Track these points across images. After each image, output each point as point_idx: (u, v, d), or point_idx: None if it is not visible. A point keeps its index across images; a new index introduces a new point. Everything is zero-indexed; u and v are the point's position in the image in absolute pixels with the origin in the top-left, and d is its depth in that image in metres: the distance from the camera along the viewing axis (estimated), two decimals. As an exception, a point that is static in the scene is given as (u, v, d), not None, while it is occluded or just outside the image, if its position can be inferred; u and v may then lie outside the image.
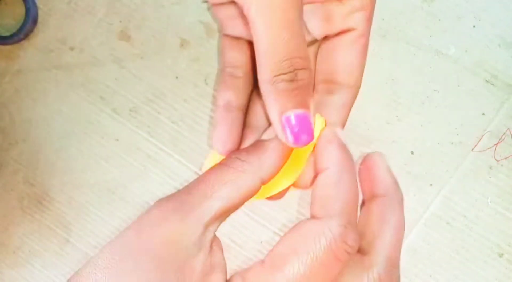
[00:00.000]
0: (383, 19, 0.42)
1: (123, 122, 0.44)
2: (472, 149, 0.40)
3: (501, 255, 0.40)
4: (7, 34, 0.45)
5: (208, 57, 0.43)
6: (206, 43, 0.43)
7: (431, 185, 0.40)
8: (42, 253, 0.45)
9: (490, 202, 0.40)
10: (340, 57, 0.30)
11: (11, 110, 0.46)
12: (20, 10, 0.46)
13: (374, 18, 0.33)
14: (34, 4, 0.45)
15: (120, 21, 0.45)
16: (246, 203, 0.26)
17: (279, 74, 0.25)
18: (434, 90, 0.41)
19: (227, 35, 0.34)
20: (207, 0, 0.43)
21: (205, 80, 0.43)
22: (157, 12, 0.44)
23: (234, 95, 0.32)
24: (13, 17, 0.46)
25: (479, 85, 0.40)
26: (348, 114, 0.31)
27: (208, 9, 0.44)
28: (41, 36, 0.46)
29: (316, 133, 0.27)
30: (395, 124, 0.41)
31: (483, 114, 0.40)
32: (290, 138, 0.26)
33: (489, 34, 0.40)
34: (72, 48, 0.45)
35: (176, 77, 0.44)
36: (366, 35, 0.31)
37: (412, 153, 0.41)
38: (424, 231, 0.40)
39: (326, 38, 0.31)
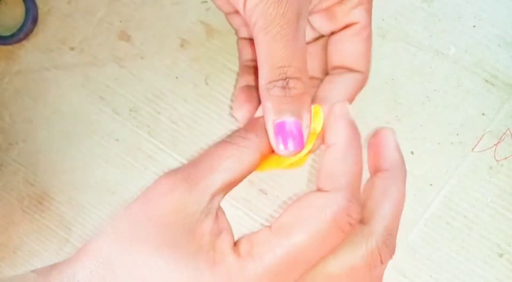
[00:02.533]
0: (383, 19, 0.42)
1: (123, 123, 0.44)
2: (472, 149, 0.40)
3: (501, 255, 0.40)
4: (7, 34, 0.45)
5: (208, 57, 0.43)
6: (206, 43, 0.43)
7: (431, 185, 0.40)
8: (42, 253, 0.45)
9: (490, 202, 0.40)
10: (347, 47, 0.33)
11: (11, 110, 0.46)
12: (20, 10, 0.46)
13: (374, 18, 0.33)
14: (34, 4, 0.45)
15: (120, 21, 0.45)
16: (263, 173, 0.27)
17: (272, 81, 0.28)
18: (434, 90, 0.41)
19: (242, 38, 0.37)
20: (207, 0, 0.43)
21: (205, 80, 0.43)
22: (157, 12, 0.44)
23: (252, 79, 0.35)
24: (13, 17, 0.46)
25: (479, 85, 0.40)
26: (354, 94, 0.33)
27: (208, 9, 0.44)
28: (41, 36, 0.46)
29: (318, 125, 0.29)
30: (395, 124, 0.41)
31: (483, 114, 0.40)
32: (280, 145, 0.28)
33: (489, 34, 0.40)
34: (72, 48, 0.45)
35: (176, 77, 0.44)
36: (368, 27, 0.33)
37: (412, 153, 0.41)
38: (424, 231, 0.40)
39: (332, 33, 0.34)
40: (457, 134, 0.40)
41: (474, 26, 0.41)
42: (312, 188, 0.41)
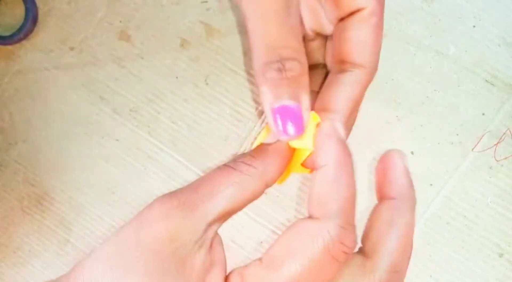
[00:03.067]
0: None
1: (123, 123, 0.44)
2: (472, 149, 0.40)
3: (501, 255, 0.40)
4: (7, 34, 0.45)
5: (208, 57, 0.43)
6: (206, 43, 0.43)
7: (431, 185, 0.40)
8: (42, 253, 0.45)
9: (490, 202, 0.40)
10: (352, 35, 0.30)
11: (11, 110, 0.46)
12: (20, 10, 0.46)
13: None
14: (34, 4, 0.45)
15: (120, 21, 0.45)
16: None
17: (268, 63, 0.26)
18: (434, 90, 0.41)
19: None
20: (207, 0, 0.43)
21: (205, 80, 0.43)
22: (157, 12, 0.44)
23: None
24: (13, 17, 0.46)
25: (479, 85, 0.40)
26: (360, 95, 0.30)
27: (208, 9, 0.44)
28: (41, 36, 0.46)
29: (311, 132, 0.27)
30: (395, 124, 0.41)
31: (483, 114, 0.40)
32: (278, 130, 0.26)
33: (489, 34, 0.40)
34: (72, 48, 0.45)
35: (176, 77, 0.44)
36: (377, 14, 0.30)
37: (412, 153, 0.41)
38: (424, 231, 0.40)
39: (340, 20, 0.31)
40: (457, 134, 0.40)
41: (474, 26, 0.41)
42: (302, 198, 0.41)
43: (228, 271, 0.26)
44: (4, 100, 0.46)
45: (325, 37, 0.33)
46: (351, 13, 0.30)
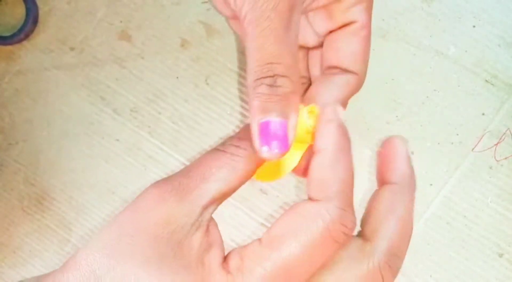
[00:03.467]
0: (383, 19, 0.42)
1: (124, 123, 0.44)
2: (472, 149, 0.40)
3: (501, 255, 0.40)
4: (8, 34, 0.45)
5: (208, 57, 0.43)
6: (207, 43, 0.43)
7: (431, 185, 0.40)
8: (42, 253, 0.45)
9: (490, 202, 0.40)
10: (343, 47, 0.31)
11: (11, 110, 0.46)
12: (20, 10, 0.46)
13: (374, 18, 0.33)
14: (35, 4, 0.45)
15: (121, 21, 0.45)
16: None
17: (260, 78, 0.26)
18: (434, 90, 0.41)
19: None
20: (207, 0, 0.43)
21: (205, 80, 0.43)
22: (158, 12, 0.44)
23: None
24: (14, 17, 0.46)
25: (479, 85, 0.40)
26: (348, 97, 0.31)
27: (208, 9, 0.44)
28: (42, 36, 0.46)
29: (304, 123, 0.27)
30: (395, 124, 0.41)
31: (483, 114, 0.40)
32: (261, 146, 0.26)
33: (489, 34, 0.40)
34: (72, 48, 0.45)
35: (177, 78, 0.44)
36: (367, 27, 0.31)
37: (412, 153, 0.41)
38: (424, 231, 0.40)
39: (329, 32, 0.32)
40: (457, 134, 0.40)
41: (474, 26, 0.41)
42: (301, 197, 0.41)
43: (226, 252, 0.26)
44: (4, 100, 0.46)
45: (307, 49, 0.34)
46: (342, 26, 0.31)
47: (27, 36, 0.45)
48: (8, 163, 0.46)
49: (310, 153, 0.28)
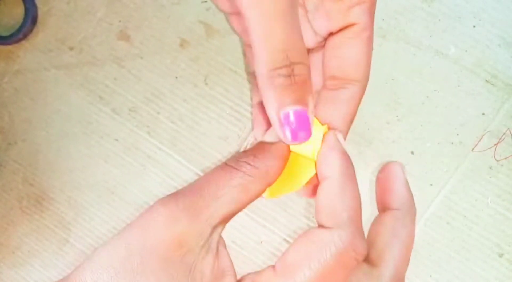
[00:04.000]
0: (383, 19, 0.42)
1: (123, 122, 0.44)
2: (472, 149, 0.40)
3: (501, 255, 0.40)
4: (7, 34, 0.45)
5: (207, 57, 0.43)
6: (206, 43, 0.43)
7: (431, 185, 0.40)
8: (41, 253, 0.45)
9: (490, 202, 0.40)
10: (345, 52, 0.30)
11: (11, 110, 0.46)
12: (19, 10, 0.46)
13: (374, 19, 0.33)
14: (34, 4, 0.45)
15: (120, 21, 0.44)
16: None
17: (275, 69, 0.25)
18: (434, 90, 0.41)
19: (248, 45, 0.35)
20: (207, 0, 0.43)
21: (204, 80, 0.43)
22: (157, 12, 0.44)
23: None
24: (13, 17, 0.46)
25: (479, 85, 0.40)
26: (356, 109, 0.31)
27: (208, 9, 0.44)
28: (41, 36, 0.46)
29: (316, 138, 0.27)
30: (395, 124, 0.41)
31: (483, 114, 0.40)
32: (288, 136, 0.26)
33: (489, 34, 0.40)
34: (71, 48, 0.45)
35: (176, 77, 0.44)
36: (368, 29, 0.30)
37: (412, 153, 0.41)
38: (424, 231, 0.40)
39: (330, 35, 0.31)
40: (457, 134, 0.40)
41: (474, 26, 0.41)
42: (301, 197, 0.41)
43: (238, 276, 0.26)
44: (3, 100, 0.46)
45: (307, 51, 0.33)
46: (341, 29, 0.30)
47: (26, 36, 0.45)
48: (7, 163, 0.46)
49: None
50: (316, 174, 0.28)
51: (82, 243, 0.45)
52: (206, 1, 0.43)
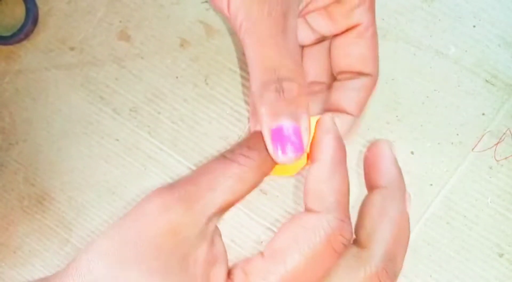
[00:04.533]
0: (383, 19, 0.42)
1: (123, 122, 0.44)
2: (472, 149, 0.40)
3: (501, 255, 0.40)
4: (8, 34, 0.45)
5: (208, 57, 0.43)
6: (206, 43, 0.43)
7: (431, 185, 0.40)
8: (42, 253, 0.45)
9: (490, 202, 0.40)
10: (352, 51, 0.31)
11: (12, 110, 0.46)
12: (20, 10, 0.46)
13: (374, 18, 0.33)
14: (34, 4, 0.45)
15: (120, 21, 0.45)
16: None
17: (265, 85, 0.26)
18: (434, 90, 0.41)
19: None
20: (207, 0, 0.43)
21: (205, 80, 0.43)
22: (157, 12, 0.44)
23: None
24: (13, 17, 0.46)
25: (479, 85, 0.40)
26: (368, 97, 0.32)
27: (208, 9, 0.44)
28: (41, 36, 0.46)
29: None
30: (395, 124, 0.41)
31: (483, 114, 0.40)
32: (278, 152, 0.26)
33: (489, 34, 0.40)
34: (72, 48, 0.45)
35: (176, 77, 0.44)
36: (371, 26, 0.31)
37: (412, 153, 0.41)
38: (424, 231, 0.40)
39: (335, 35, 0.32)
40: (457, 134, 0.40)
41: (474, 26, 0.41)
42: (301, 197, 0.41)
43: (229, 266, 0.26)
44: (4, 100, 0.46)
45: (302, 48, 0.35)
46: (347, 30, 0.31)
47: (27, 36, 0.45)
48: (8, 163, 0.46)
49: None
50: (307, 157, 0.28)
51: (83, 243, 0.45)
52: (206, 1, 0.44)
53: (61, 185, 0.45)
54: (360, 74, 0.32)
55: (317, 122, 0.27)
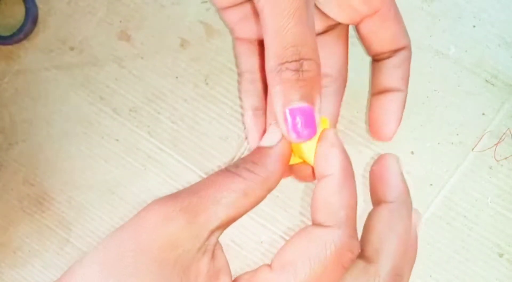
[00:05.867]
0: (383, 19, 0.42)
1: (123, 122, 0.44)
2: (472, 149, 0.40)
3: (501, 255, 0.40)
4: (7, 34, 0.45)
5: (208, 57, 0.43)
6: (206, 43, 0.43)
7: (431, 185, 0.40)
8: (42, 253, 0.45)
9: (490, 202, 0.40)
10: (382, 35, 0.31)
11: (11, 110, 0.46)
12: (20, 10, 0.46)
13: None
14: (34, 4, 0.45)
15: (120, 21, 0.45)
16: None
17: (284, 62, 0.25)
18: (434, 90, 0.41)
19: (239, 39, 0.35)
20: (207, 0, 0.43)
21: (205, 80, 0.43)
22: (157, 12, 0.44)
23: (258, 101, 0.34)
24: (13, 17, 0.46)
25: (479, 85, 0.40)
26: (409, 70, 0.32)
27: (208, 9, 0.44)
28: (41, 36, 0.46)
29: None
30: (395, 124, 0.41)
31: (483, 114, 0.40)
32: (291, 132, 0.26)
33: (489, 34, 0.40)
34: (72, 48, 0.45)
35: (176, 77, 0.44)
36: (392, 6, 0.32)
37: (412, 153, 0.41)
38: (424, 231, 0.40)
39: (358, 23, 0.32)
40: (457, 134, 0.40)
41: (474, 26, 0.41)
42: (301, 197, 0.41)
43: (233, 274, 0.26)
44: (4, 100, 0.46)
45: None
46: (369, 15, 0.31)
47: (26, 36, 0.45)
48: (8, 163, 0.46)
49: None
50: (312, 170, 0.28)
51: (82, 243, 0.45)
52: (206, 1, 0.44)
53: (61, 185, 0.45)
54: (396, 51, 0.32)
55: (320, 135, 0.27)
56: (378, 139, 0.33)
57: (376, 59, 0.33)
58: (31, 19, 0.45)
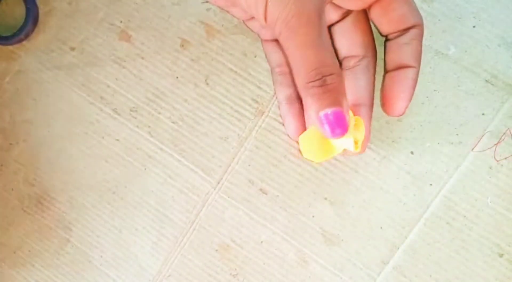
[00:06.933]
0: (383, 19, 0.42)
1: (124, 122, 0.44)
2: (472, 149, 0.40)
3: (501, 255, 0.40)
4: (8, 34, 0.45)
5: (208, 57, 0.43)
6: (207, 43, 0.43)
7: (431, 185, 0.40)
8: (42, 253, 0.45)
9: (490, 202, 0.40)
10: (392, 16, 0.36)
11: (12, 110, 0.46)
12: (20, 10, 0.46)
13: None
14: (35, 4, 0.45)
15: (121, 21, 0.45)
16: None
17: (310, 82, 0.31)
18: (434, 90, 0.41)
19: (266, 40, 0.40)
20: (207, 0, 0.43)
21: (205, 80, 0.43)
22: (158, 12, 0.44)
23: (290, 89, 0.39)
24: (14, 17, 0.46)
25: (479, 85, 0.40)
26: (421, 46, 0.36)
27: (209, 9, 0.44)
28: (42, 36, 0.46)
29: (361, 135, 0.35)
30: (395, 124, 0.41)
31: (483, 114, 0.40)
32: (327, 132, 0.32)
33: (489, 34, 0.40)
34: (72, 48, 0.45)
35: (177, 77, 0.44)
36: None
37: (412, 153, 0.41)
38: (424, 231, 0.40)
39: (368, 8, 0.37)
40: (457, 134, 0.40)
41: (474, 26, 0.41)
42: (301, 197, 0.41)
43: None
44: (5, 100, 0.46)
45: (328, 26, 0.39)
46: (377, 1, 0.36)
47: (27, 36, 0.45)
48: (8, 163, 0.46)
49: None
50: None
51: (83, 243, 0.45)
52: (206, 1, 0.44)
53: (62, 185, 0.45)
54: (406, 29, 0.36)
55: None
56: (390, 114, 0.36)
57: (388, 39, 0.37)
58: (31, 20, 0.45)
